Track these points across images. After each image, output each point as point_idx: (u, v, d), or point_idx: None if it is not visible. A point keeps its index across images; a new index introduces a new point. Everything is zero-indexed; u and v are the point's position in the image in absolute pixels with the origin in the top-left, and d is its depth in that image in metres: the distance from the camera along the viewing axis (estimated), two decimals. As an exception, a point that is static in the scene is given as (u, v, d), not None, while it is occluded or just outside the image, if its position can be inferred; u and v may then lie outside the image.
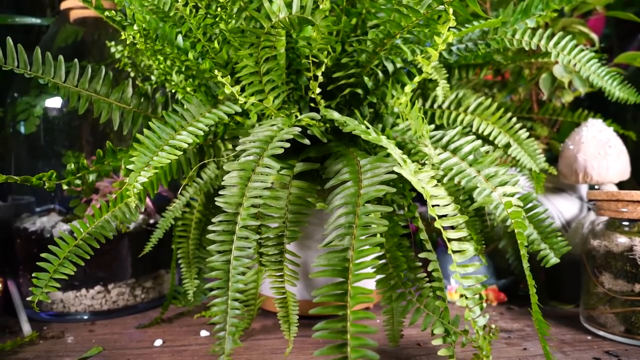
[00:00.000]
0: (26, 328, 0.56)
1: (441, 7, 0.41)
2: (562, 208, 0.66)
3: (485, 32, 0.56)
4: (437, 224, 0.37)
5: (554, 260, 0.49)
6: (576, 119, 0.69)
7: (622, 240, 0.50)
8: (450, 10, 0.39)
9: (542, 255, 0.49)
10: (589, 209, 0.67)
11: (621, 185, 0.66)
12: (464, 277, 0.38)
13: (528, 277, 0.40)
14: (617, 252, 0.50)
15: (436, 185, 0.39)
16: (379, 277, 0.46)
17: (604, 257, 0.51)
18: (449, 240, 0.38)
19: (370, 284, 0.51)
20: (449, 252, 0.38)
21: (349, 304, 0.30)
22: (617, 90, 0.56)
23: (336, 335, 0.29)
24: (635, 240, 0.49)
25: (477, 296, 0.38)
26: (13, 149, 0.65)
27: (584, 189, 0.68)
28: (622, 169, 0.62)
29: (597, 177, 0.61)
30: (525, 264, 0.40)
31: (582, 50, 0.54)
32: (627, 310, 0.49)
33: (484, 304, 0.39)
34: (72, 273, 0.44)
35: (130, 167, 0.42)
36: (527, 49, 0.54)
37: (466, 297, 0.38)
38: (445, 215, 0.39)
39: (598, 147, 0.61)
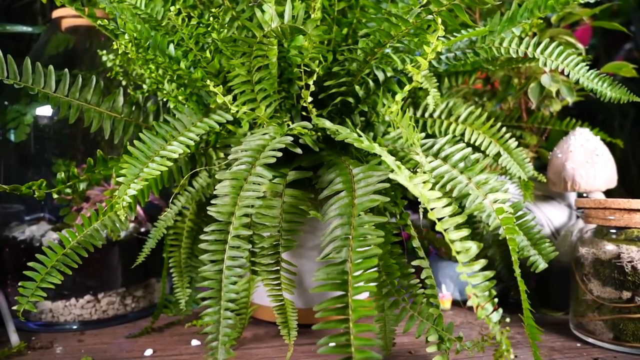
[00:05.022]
0: (14, 338, 0.55)
1: (430, 16, 0.41)
2: (551, 216, 0.67)
3: (473, 41, 0.57)
4: (439, 227, 0.37)
5: (542, 265, 0.50)
6: (564, 127, 0.70)
7: (610, 247, 0.50)
8: (439, 20, 0.40)
9: (531, 262, 0.50)
10: (577, 217, 0.67)
11: (609, 193, 0.67)
12: (471, 276, 0.37)
13: (520, 282, 0.40)
14: (605, 260, 0.51)
15: (432, 188, 0.39)
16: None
17: (592, 265, 0.52)
18: (452, 241, 0.36)
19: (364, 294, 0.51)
20: (453, 253, 0.37)
21: (351, 317, 0.30)
22: (608, 91, 0.55)
23: (340, 350, 0.30)
24: (623, 247, 0.50)
25: (487, 293, 0.37)
26: (2, 157, 0.65)
27: (572, 196, 0.69)
28: (609, 177, 0.63)
29: (585, 185, 0.62)
30: (517, 270, 0.41)
31: (570, 54, 0.55)
32: (616, 318, 0.49)
33: (495, 300, 0.38)
34: (60, 282, 0.44)
35: (120, 179, 0.42)
36: (514, 56, 0.55)
37: (476, 296, 0.37)
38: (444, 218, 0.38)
39: (585, 156, 0.62)
